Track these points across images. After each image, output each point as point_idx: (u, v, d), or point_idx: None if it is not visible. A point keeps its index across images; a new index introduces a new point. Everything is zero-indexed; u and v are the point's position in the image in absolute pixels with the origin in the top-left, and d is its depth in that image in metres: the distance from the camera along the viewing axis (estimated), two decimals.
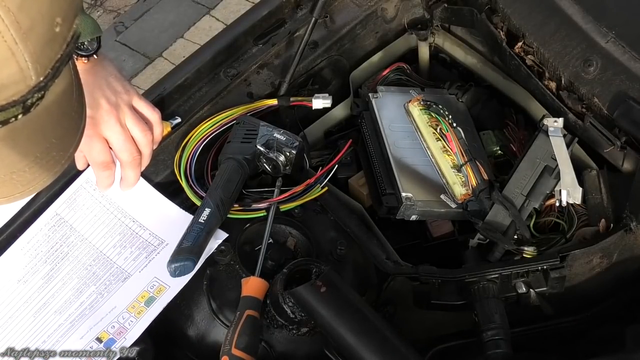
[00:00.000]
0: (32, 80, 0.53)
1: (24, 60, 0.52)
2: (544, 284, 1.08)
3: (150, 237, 1.15)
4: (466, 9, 1.34)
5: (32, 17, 0.52)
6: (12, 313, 1.09)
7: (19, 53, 0.51)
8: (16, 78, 0.52)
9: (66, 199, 1.18)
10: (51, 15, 0.53)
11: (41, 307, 1.09)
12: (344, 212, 1.20)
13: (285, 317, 1.03)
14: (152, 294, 1.08)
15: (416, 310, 1.14)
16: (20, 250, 1.14)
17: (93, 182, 1.18)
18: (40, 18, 0.52)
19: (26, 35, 0.51)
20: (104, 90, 1.10)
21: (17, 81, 0.52)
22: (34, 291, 1.10)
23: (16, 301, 1.10)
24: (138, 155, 1.13)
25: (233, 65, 1.34)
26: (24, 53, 0.51)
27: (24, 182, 0.60)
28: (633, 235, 1.09)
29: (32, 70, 0.52)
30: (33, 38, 0.52)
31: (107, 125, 1.10)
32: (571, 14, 1.21)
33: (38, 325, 1.07)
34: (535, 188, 1.14)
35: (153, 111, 1.16)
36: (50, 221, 1.16)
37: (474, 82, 1.38)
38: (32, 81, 0.53)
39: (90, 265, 1.13)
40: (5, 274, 1.12)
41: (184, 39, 2.89)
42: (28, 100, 0.53)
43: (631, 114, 1.13)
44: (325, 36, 1.40)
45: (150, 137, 1.14)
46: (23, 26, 0.51)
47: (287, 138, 1.22)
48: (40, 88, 0.54)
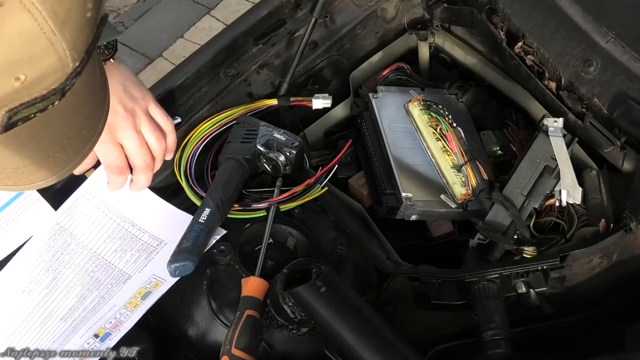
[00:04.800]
0: (69, 67, 0.54)
1: (62, 49, 0.53)
2: (544, 284, 1.08)
3: (149, 238, 1.15)
4: (466, 9, 1.34)
5: (67, 6, 0.53)
6: (19, 324, 1.08)
7: (57, 43, 0.52)
8: (56, 67, 0.53)
9: (67, 208, 1.18)
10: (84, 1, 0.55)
11: (47, 317, 1.08)
12: (344, 212, 1.20)
13: (285, 317, 1.03)
14: (149, 289, 1.09)
15: (416, 310, 1.14)
16: (23, 260, 1.13)
17: (93, 190, 1.18)
18: (74, 6, 0.54)
19: (63, 24, 0.52)
20: (120, 96, 1.10)
21: (57, 70, 0.54)
22: (39, 301, 1.10)
23: (22, 312, 1.09)
24: (152, 161, 1.13)
25: (233, 65, 1.34)
26: (62, 42, 0.53)
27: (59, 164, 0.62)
28: (633, 235, 1.09)
29: (70, 58, 0.54)
30: (69, 26, 0.53)
31: (124, 132, 1.10)
32: (571, 14, 1.21)
33: (44, 334, 1.07)
34: (535, 188, 1.14)
35: (167, 120, 1.16)
36: (51, 230, 1.15)
37: (474, 82, 1.38)
38: (70, 68, 0.54)
39: (92, 272, 1.12)
40: (9, 285, 1.12)
41: (184, 39, 2.89)
42: (66, 86, 0.55)
43: (631, 114, 1.13)
44: (325, 36, 1.40)
45: (164, 145, 1.14)
46: (60, 16, 0.52)
47: (287, 138, 1.22)
48: (77, 74, 0.55)
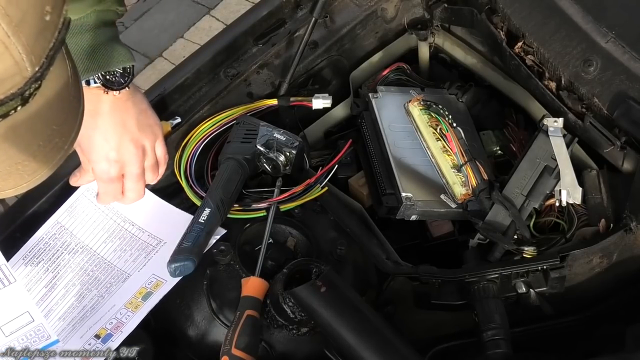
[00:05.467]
0: (28, 71, 0.53)
1: (18, 52, 0.52)
2: (544, 284, 1.08)
3: (149, 238, 1.15)
4: (466, 9, 1.34)
5: (22, 8, 0.51)
6: None
7: (12, 46, 0.51)
8: (12, 71, 0.52)
9: (67, 207, 1.18)
10: (41, 4, 0.53)
11: (45, 315, 1.08)
12: (344, 212, 1.20)
13: (285, 317, 1.03)
14: (150, 289, 1.09)
15: (416, 310, 1.14)
16: (23, 259, 1.13)
17: (93, 191, 1.18)
18: (30, 9, 0.52)
19: (18, 27, 0.51)
20: (133, 133, 1.11)
21: (13, 74, 0.52)
22: (38, 300, 1.10)
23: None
24: (144, 194, 1.17)
25: (233, 65, 1.34)
26: (17, 46, 0.51)
27: (29, 172, 0.60)
28: (633, 235, 1.09)
29: (27, 62, 0.53)
30: (25, 30, 0.52)
31: (130, 168, 1.13)
32: (571, 14, 1.21)
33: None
34: (535, 188, 1.14)
35: (166, 155, 1.18)
36: (52, 229, 1.16)
37: (474, 82, 1.38)
38: (28, 72, 0.53)
39: (92, 271, 1.13)
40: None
41: (184, 39, 2.88)
42: (26, 91, 0.54)
43: (631, 114, 1.13)
44: (325, 36, 1.40)
45: (157, 179, 1.18)
46: (14, 19, 0.51)
47: (287, 138, 1.22)
48: (36, 78, 0.54)
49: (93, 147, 1.10)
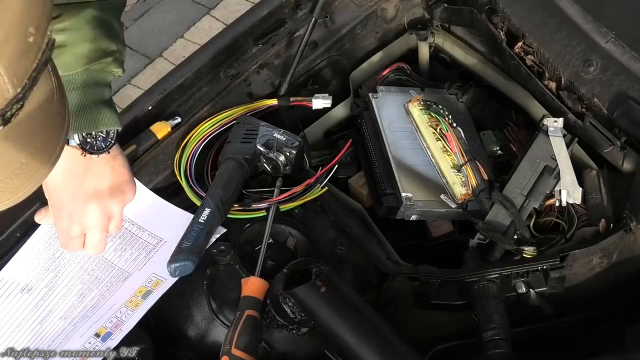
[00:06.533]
0: (9, 93, 0.52)
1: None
2: (544, 284, 1.08)
3: (149, 237, 1.15)
4: (466, 9, 1.34)
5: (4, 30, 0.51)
6: (19, 322, 1.09)
7: None
8: None
9: None
10: (23, 26, 0.52)
11: (47, 315, 1.09)
12: (344, 212, 1.20)
13: (285, 317, 1.03)
14: (150, 287, 1.09)
15: (416, 310, 1.14)
16: (24, 259, 1.14)
17: None
18: (12, 30, 0.51)
19: None
20: (102, 198, 1.07)
21: None
22: (39, 299, 1.10)
23: (22, 310, 1.10)
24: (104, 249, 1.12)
25: (233, 65, 1.34)
26: None
27: (11, 190, 0.60)
28: (633, 235, 1.09)
29: (9, 84, 0.52)
30: (6, 51, 0.51)
31: (92, 232, 1.09)
32: (571, 14, 1.21)
33: (44, 332, 1.07)
34: (535, 188, 1.14)
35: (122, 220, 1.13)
36: (52, 229, 1.16)
37: (474, 82, 1.38)
38: (10, 94, 0.52)
39: (92, 270, 1.13)
40: (9, 283, 1.12)
41: (184, 39, 2.88)
42: (7, 112, 0.53)
43: (631, 114, 1.13)
44: (325, 36, 1.40)
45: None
46: None
47: (287, 138, 1.22)
48: (18, 100, 0.53)
49: (59, 204, 1.06)
